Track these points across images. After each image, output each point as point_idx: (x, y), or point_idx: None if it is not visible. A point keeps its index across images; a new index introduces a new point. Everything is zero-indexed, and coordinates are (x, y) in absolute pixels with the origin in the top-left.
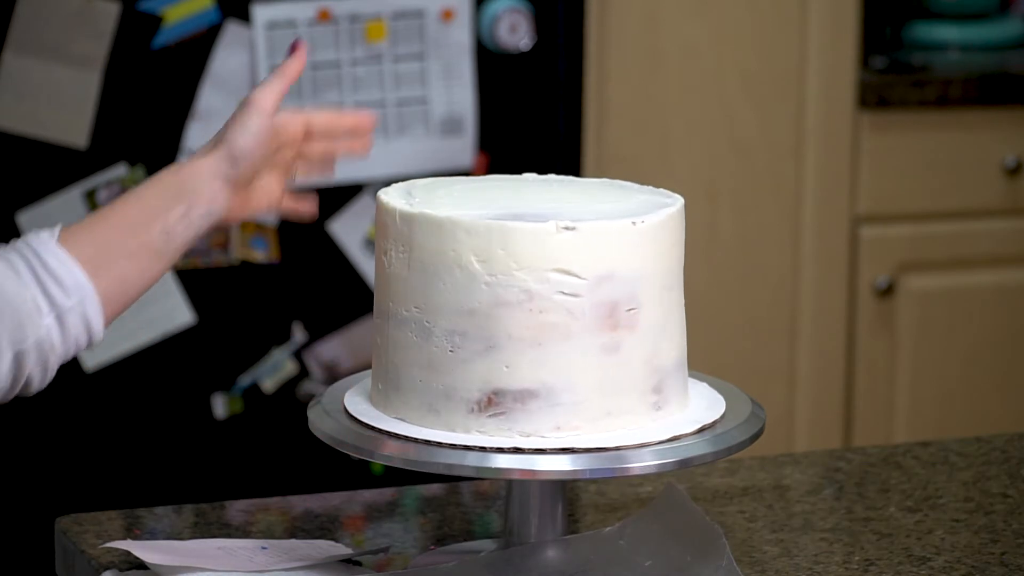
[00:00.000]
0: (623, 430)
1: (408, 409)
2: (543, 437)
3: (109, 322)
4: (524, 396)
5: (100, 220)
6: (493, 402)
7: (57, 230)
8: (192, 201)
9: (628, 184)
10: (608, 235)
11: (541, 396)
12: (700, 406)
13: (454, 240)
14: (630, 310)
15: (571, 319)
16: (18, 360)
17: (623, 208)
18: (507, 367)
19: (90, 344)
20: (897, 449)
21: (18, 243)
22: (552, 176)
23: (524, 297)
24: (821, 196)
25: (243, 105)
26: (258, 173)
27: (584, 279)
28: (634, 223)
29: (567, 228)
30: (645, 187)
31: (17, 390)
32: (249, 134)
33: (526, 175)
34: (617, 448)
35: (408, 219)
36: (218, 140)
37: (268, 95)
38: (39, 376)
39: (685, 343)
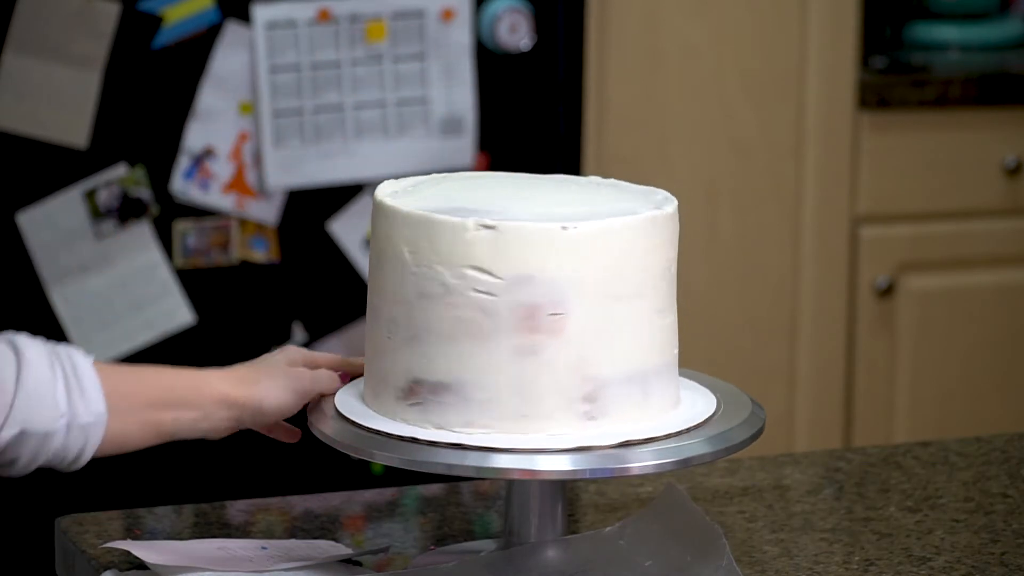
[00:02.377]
0: (542, 434)
1: (379, 402)
2: (454, 432)
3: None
4: (438, 389)
5: (132, 375)
6: (414, 391)
7: (91, 357)
8: (199, 418)
9: (624, 184)
10: (530, 236)
11: (453, 390)
12: (691, 406)
13: (393, 229)
14: (553, 315)
15: (484, 317)
16: (19, 439)
17: (594, 211)
18: (425, 358)
19: (65, 467)
20: (897, 449)
21: (57, 347)
22: (558, 176)
23: (442, 291)
24: (821, 196)
25: (289, 361)
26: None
27: (500, 279)
28: (564, 228)
29: (485, 227)
30: (644, 188)
31: None
32: (281, 404)
33: (532, 175)
34: (617, 447)
35: (377, 209)
36: (252, 381)
37: (316, 381)
38: (24, 463)
39: (658, 353)
